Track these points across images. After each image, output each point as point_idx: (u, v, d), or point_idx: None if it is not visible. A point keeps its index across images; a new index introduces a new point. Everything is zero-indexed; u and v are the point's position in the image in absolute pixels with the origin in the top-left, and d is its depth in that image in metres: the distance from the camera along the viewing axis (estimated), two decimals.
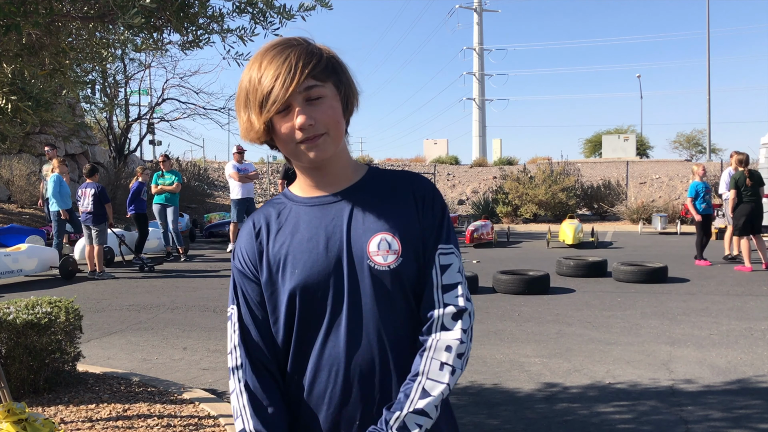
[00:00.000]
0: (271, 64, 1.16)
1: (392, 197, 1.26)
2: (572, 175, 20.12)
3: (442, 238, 1.25)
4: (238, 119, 1.23)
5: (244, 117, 1.20)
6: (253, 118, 1.18)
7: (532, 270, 8.79)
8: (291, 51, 1.17)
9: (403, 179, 1.29)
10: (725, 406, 4.05)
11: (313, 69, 1.16)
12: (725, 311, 6.90)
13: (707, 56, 25.91)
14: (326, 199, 1.26)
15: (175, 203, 12.23)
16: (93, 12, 2.54)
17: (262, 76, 1.16)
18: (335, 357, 1.18)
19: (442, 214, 1.27)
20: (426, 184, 1.29)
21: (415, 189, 1.27)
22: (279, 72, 1.14)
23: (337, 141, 1.21)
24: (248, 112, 1.19)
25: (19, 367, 4.04)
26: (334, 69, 1.21)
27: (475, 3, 48.35)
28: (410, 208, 1.25)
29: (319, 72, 1.17)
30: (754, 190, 9.77)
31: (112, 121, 20.34)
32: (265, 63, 1.17)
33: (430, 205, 1.26)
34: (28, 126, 3.03)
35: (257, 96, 1.16)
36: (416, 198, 1.26)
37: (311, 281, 1.19)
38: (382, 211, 1.23)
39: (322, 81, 1.18)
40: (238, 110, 1.22)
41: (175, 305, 7.70)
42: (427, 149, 38.00)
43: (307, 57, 1.17)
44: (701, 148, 36.06)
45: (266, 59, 1.17)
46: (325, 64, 1.19)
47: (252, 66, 1.19)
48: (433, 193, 1.28)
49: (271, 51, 1.18)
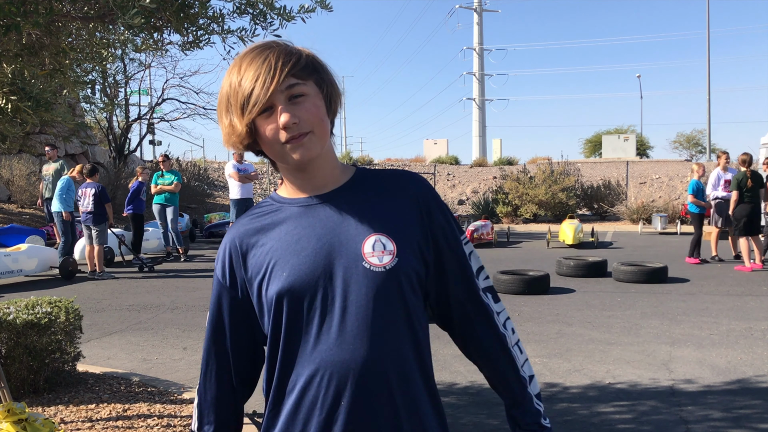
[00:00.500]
0: (251, 66, 1.15)
1: (384, 197, 1.24)
2: (572, 175, 20.11)
3: (456, 230, 1.30)
4: (220, 125, 1.21)
5: (225, 122, 1.18)
6: (235, 122, 1.16)
7: (532, 270, 8.79)
8: (270, 52, 1.16)
9: (394, 178, 1.28)
10: (725, 406, 4.05)
11: (293, 68, 1.15)
12: (725, 311, 6.90)
13: (707, 56, 25.94)
14: (314, 200, 1.23)
15: (175, 203, 12.23)
16: (93, 12, 2.54)
17: (242, 79, 1.15)
18: (328, 361, 1.15)
19: (446, 207, 1.29)
20: (419, 180, 1.28)
21: (409, 188, 1.26)
22: (259, 73, 1.13)
23: (322, 140, 1.19)
24: (230, 116, 1.17)
25: (19, 367, 4.04)
26: (315, 68, 1.20)
27: (475, 3, 48.35)
28: (405, 207, 1.24)
29: (299, 70, 1.16)
30: (754, 191, 9.79)
31: (112, 121, 20.34)
32: (245, 66, 1.16)
33: (434, 201, 1.27)
34: (28, 126, 3.03)
35: (238, 98, 1.15)
36: (413, 197, 1.25)
37: (301, 284, 1.16)
38: (374, 212, 1.22)
39: (303, 79, 1.17)
40: (219, 116, 1.20)
41: (175, 305, 7.70)
42: (427, 149, 37.99)
43: (286, 56, 1.16)
44: (701, 148, 36.07)
45: (245, 62, 1.16)
46: (305, 63, 1.18)
47: (231, 71, 1.18)
48: (429, 189, 1.28)
49: (249, 54, 1.18)
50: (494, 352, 1.30)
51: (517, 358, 1.31)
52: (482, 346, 1.31)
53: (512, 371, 1.31)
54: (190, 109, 20.87)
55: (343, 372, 1.14)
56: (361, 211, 1.21)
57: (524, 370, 1.31)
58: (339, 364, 1.15)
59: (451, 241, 1.28)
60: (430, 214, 1.25)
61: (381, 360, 1.16)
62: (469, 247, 1.32)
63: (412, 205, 1.24)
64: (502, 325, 1.31)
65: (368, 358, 1.15)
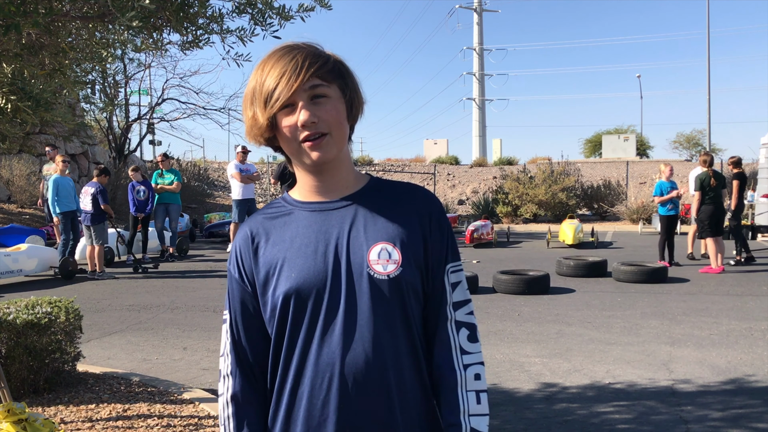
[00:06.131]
0: (278, 63, 1.18)
1: (394, 209, 1.26)
2: (572, 175, 20.12)
3: (451, 255, 1.29)
4: (244, 118, 1.25)
5: (249, 114, 1.22)
6: (257, 114, 1.19)
7: (532, 270, 8.79)
8: (298, 52, 1.19)
9: (407, 192, 1.30)
10: (725, 406, 4.05)
11: (318, 69, 1.18)
12: (725, 311, 6.90)
13: (707, 56, 25.91)
14: (327, 205, 1.26)
15: (178, 202, 12.24)
16: (93, 12, 2.54)
17: (269, 75, 1.18)
18: (330, 363, 1.18)
19: (448, 231, 1.30)
20: (431, 199, 1.31)
21: (419, 204, 1.28)
22: (285, 70, 1.17)
23: (340, 143, 1.22)
24: (253, 108, 1.20)
25: (19, 367, 4.04)
26: (341, 73, 1.23)
27: (475, 3, 48.35)
28: (413, 222, 1.26)
29: (324, 73, 1.19)
30: (716, 191, 9.83)
31: (112, 121, 20.32)
32: (272, 63, 1.19)
33: (437, 222, 1.28)
34: (28, 126, 3.03)
35: (263, 93, 1.18)
36: (421, 213, 1.27)
37: (307, 286, 1.19)
38: (383, 222, 1.24)
39: (327, 82, 1.19)
40: (244, 109, 1.24)
41: (175, 305, 7.70)
42: (427, 149, 37.99)
43: (313, 58, 1.19)
44: (701, 148, 36.04)
45: (273, 60, 1.20)
46: (331, 67, 1.21)
47: (259, 67, 1.21)
48: (439, 209, 1.30)
49: (278, 52, 1.21)
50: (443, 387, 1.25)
51: (462, 404, 1.22)
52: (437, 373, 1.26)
53: (451, 414, 1.23)
54: (190, 109, 20.84)
55: (342, 374, 1.18)
56: (371, 220, 1.24)
57: (463, 419, 1.22)
58: (339, 366, 1.18)
59: (439, 262, 1.27)
60: (431, 230, 1.27)
61: (380, 363, 1.19)
62: (459, 276, 1.29)
63: (419, 219, 1.27)
64: (457, 363, 1.24)
65: (368, 361, 1.18)
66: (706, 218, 9.75)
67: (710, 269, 9.65)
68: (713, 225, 9.69)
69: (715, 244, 9.66)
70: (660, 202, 10.54)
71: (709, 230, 9.71)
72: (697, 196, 9.88)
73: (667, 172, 10.73)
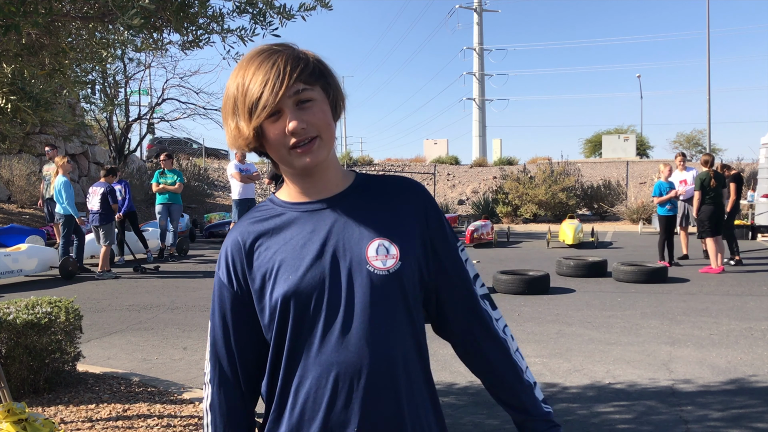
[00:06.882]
0: (259, 69, 1.15)
1: (385, 203, 1.26)
2: (572, 175, 20.12)
3: (454, 237, 1.33)
4: (225, 127, 1.22)
5: (231, 124, 1.19)
6: (241, 125, 1.17)
7: (532, 270, 8.79)
8: (278, 56, 1.16)
9: (395, 185, 1.30)
10: (725, 406, 4.05)
11: (301, 73, 1.16)
12: (725, 311, 6.90)
13: (707, 56, 25.88)
14: (318, 205, 1.25)
15: (179, 202, 12.25)
16: (93, 12, 2.54)
17: (251, 83, 1.15)
18: (333, 362, 1.16)
19: (442, 216, 1.32)
20: (420, 189, 1.31)
21: (410, 196, 1.28)
22: (268, 77, 1.14)
23: (329, 145, 1.21)
24: (236, 119, 1.18)
25: (19, 367, 4.04)
26: (322, 73, 1.21)
27: (475, 3, 48.33)
28: (407, 215, 1.26)
29: (307, 76, 1.17)
30: (716, 191, 9.83)
31: (112, 121, 20.31)
32: (253, 69, 1.16)
33: (433, 210, 1.29)
34: (28, 126, 3.03)
35: (246, 102, 1.15)
36: (415, 205, 1.27)
37: (306, 287, 1.18)
38: (377, 217, 1.24)
39: (310, 85, 1.17)
40: (225, 118, 1.21)
41: (175, 305, 7.70)
42: (427, 149, 37.98)
43: (294, 61, 1.16)
44: (701, 148, 36.04)
45: (253, 66, 1.16)
46: (312, 68, 1.19)
47: (238, 73, 1.18)
48: (430, 198, 1.31)
49: (257, 57, 1.18)
50: (495, 360, 1.31)
51: (520, 364, 1.32)
52: (483, 353, 1.31)
53: (516, 378, 1.31)
54: (190, 109, 20.83)
55: (348, 373, 1.16)
56: (364, 216, 1.23)
57: (527, 377, 1.32)
58: (344, 365, 1.16)
59: (449, 247, 1.30)
60: (429, 220, 1.27)
61: (385, 360, 1.18)
62: (465, 254, 1.34)
63: (412, 211, 1.27)
64: (501, 331, 1.32)
65: (373, 359, 1.17)
66: (706, 218, 9.74)
67: (710, 269, 9.65)
68: (713, 225, 9.69)
69: (715, 244, 9.66)
70: (659, 202, 10.54)
71: (709, 230, 9.71)
72: (697, 196, 9.88)
73: (666, 172, 10.73)
